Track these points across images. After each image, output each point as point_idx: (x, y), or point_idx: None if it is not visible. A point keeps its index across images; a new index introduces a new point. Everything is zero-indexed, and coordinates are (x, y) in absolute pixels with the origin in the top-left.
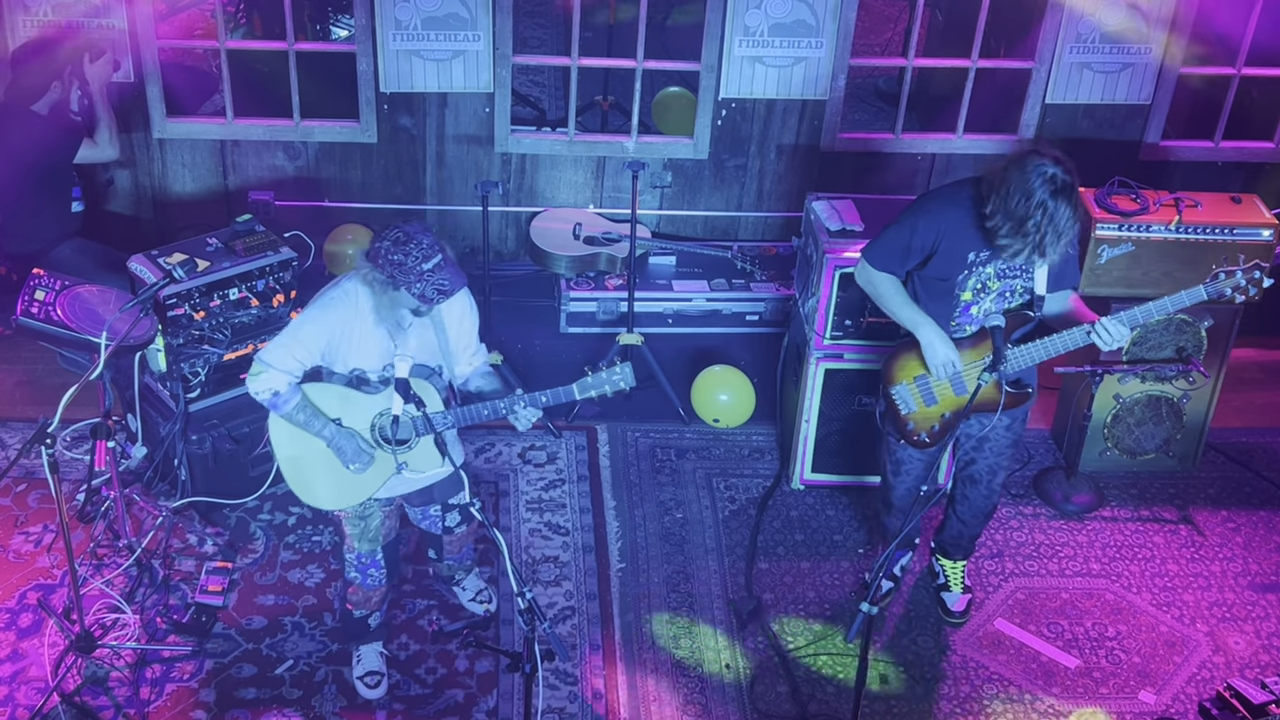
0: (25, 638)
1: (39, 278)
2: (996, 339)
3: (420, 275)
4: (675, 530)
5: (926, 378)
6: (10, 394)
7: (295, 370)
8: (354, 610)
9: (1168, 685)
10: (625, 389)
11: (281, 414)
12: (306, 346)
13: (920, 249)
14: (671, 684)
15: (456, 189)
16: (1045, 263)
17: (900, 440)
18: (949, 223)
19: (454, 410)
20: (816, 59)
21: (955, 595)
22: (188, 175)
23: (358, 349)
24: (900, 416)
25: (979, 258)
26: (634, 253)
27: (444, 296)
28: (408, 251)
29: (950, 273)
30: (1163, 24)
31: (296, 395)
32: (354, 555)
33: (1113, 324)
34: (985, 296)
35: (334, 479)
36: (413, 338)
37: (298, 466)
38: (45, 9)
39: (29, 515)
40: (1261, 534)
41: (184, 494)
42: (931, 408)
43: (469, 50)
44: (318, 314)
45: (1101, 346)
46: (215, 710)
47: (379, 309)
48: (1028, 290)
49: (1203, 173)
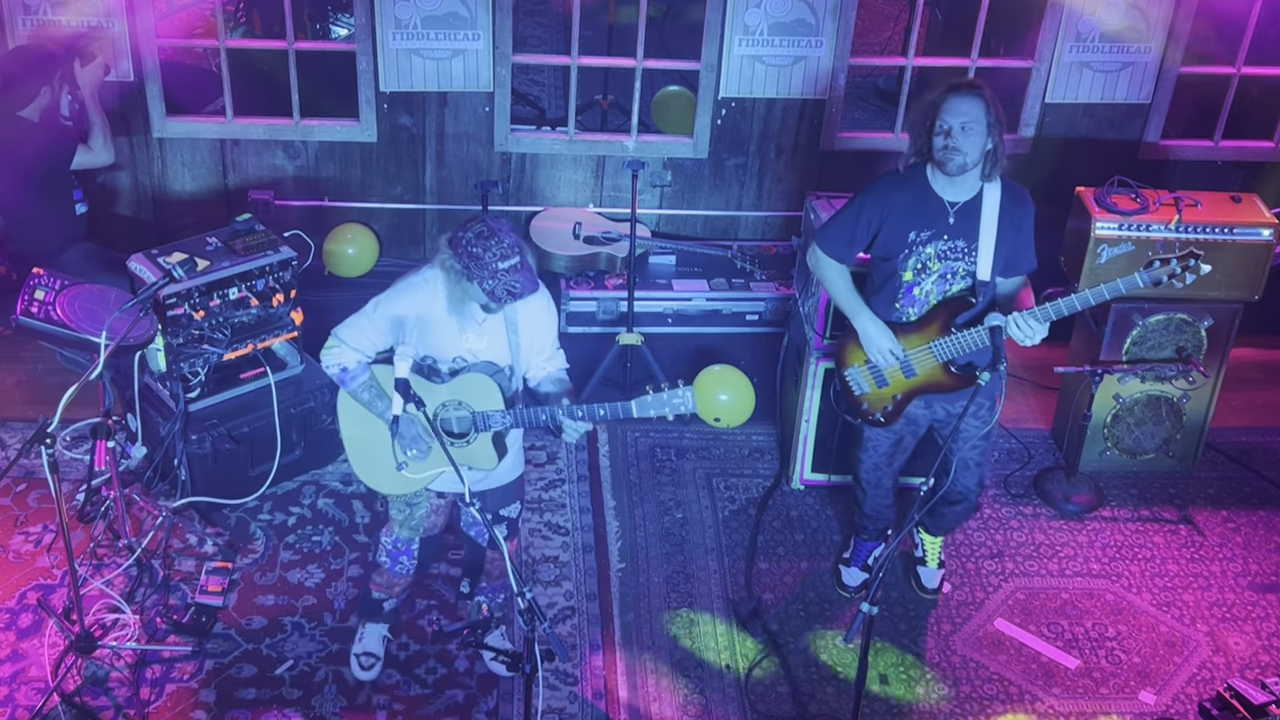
0: (25, 638)
1: (39, 277)
2: (996, 339)
3: (495, 272)
4: (675, 530)
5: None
6: (10, 394)
7: (366, 349)
8: (374, 591)
9: (1168, 685)
10: (686, 414)
11: (348, 390)
12: (378, 327)
13: (867, 229)
14: (671, 684)
15: (456, 188)
16: (956, 166)
17: (857, 420)
18: (893, 202)
19: (515, 411)
20: (816, 58)
21: (931, 571)
22: (187, 174)
23: (430, 336)
24: (854, 397)
25: (919, 237)
26: (634, 252)
27: (513, 298)
28: (487, 246)
29: (892, 251)
30: (1162, 23)
31: (365, 374)
32: (390, 539)
33: (1024, 319)
34: (926, 278)
35: (393, 462)
36: (485, 334)
37: (360, 446)
38: (45, 9)
39: (29, 515)
40: (1261, 534)
41: (184, 494)
42: (884, 389)
43: (469, 49)
44: (395, 296)
45: (1019, 340)
46: (215, 710)
47: (450, 298)
48: (969, 274)
49: (1202, 172)
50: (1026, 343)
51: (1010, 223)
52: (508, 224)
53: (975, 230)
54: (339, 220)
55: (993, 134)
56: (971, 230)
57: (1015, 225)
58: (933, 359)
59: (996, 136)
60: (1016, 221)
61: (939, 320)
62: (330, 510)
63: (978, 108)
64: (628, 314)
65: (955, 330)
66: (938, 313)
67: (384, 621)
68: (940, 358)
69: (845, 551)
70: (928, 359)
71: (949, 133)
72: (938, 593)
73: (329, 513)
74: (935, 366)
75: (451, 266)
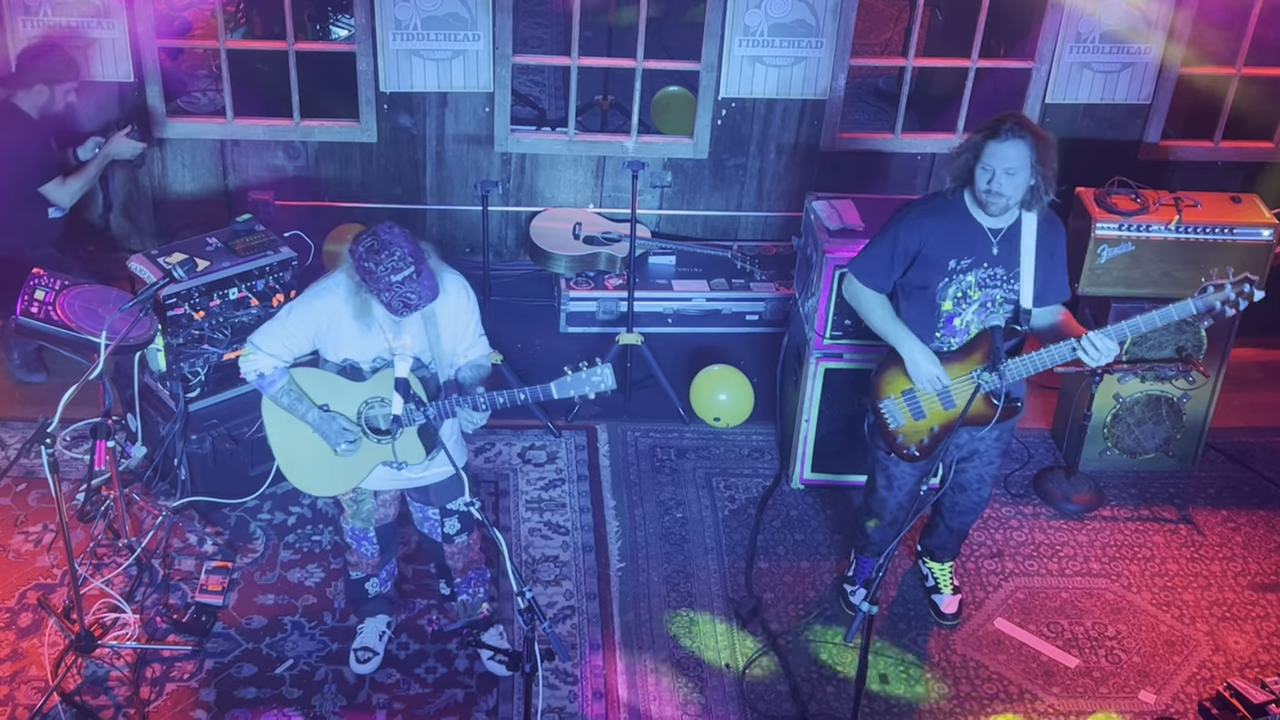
0: (25, 638)
1: (39, 278)
2: (996, 339)
3: (388, 286)
4: (675, 530)
5: (914, 392)
6: (10, 394)
7: (282, 355)
8: (351, 572)
9: (1168, 685)
10: (606, 391)
11: (268, 395)
12: (293, 333)
13: (904, 256)
14: (671, 683)
15: (456, 189)
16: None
17: (890, 454)
18: (930, 229)
19: (436, 404)
20: (816, 59)
21: (945, 597)
22: (188, 175)
23: (345, 340)
24: (889, 430)
25: (960, 265)
26: (634, 252)
27: (409, 309)
28: (379, 260)
29: (931, 280)
30: (1162, 23)
31: (283, 378)
32: (349, 527)
33: (1100, 338)
34: (967, 307)
35: (322, 464)
36: (404, 331)
37: (288, 451)
38: (46, 9)
39: (29, 515)
40: (1261, 534)
41: (184, 494)
42: (920, 421)
43: (469, 50)
44: (307, 302)
45: (1088, 362)
46: (215, 710)
47: (353, 306)
48: (1010, 302)
49: (1203, 173)
50: (1101, 362)
51: (1045, 249)
52: (403, 233)
53: (1016, 257)
54: (339, 220)
55: (1036, 173)
56: (1012, 258)
57: (1049, 251)
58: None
59: (1041, 173)
60: (1050, 246)
61: (980, 349)
62: (330, 510)
63: (1021, 154)
64: (628, 314)
65: (1003, 359)
66: (979, 342)
67: (378, 612)
68: (986, 388)
69: (849, 570)
70: (969, 390)
71: (992, 178)
72: (958, 618)
73: (329, 512)
74: (977, 398)
75: (352, 276)
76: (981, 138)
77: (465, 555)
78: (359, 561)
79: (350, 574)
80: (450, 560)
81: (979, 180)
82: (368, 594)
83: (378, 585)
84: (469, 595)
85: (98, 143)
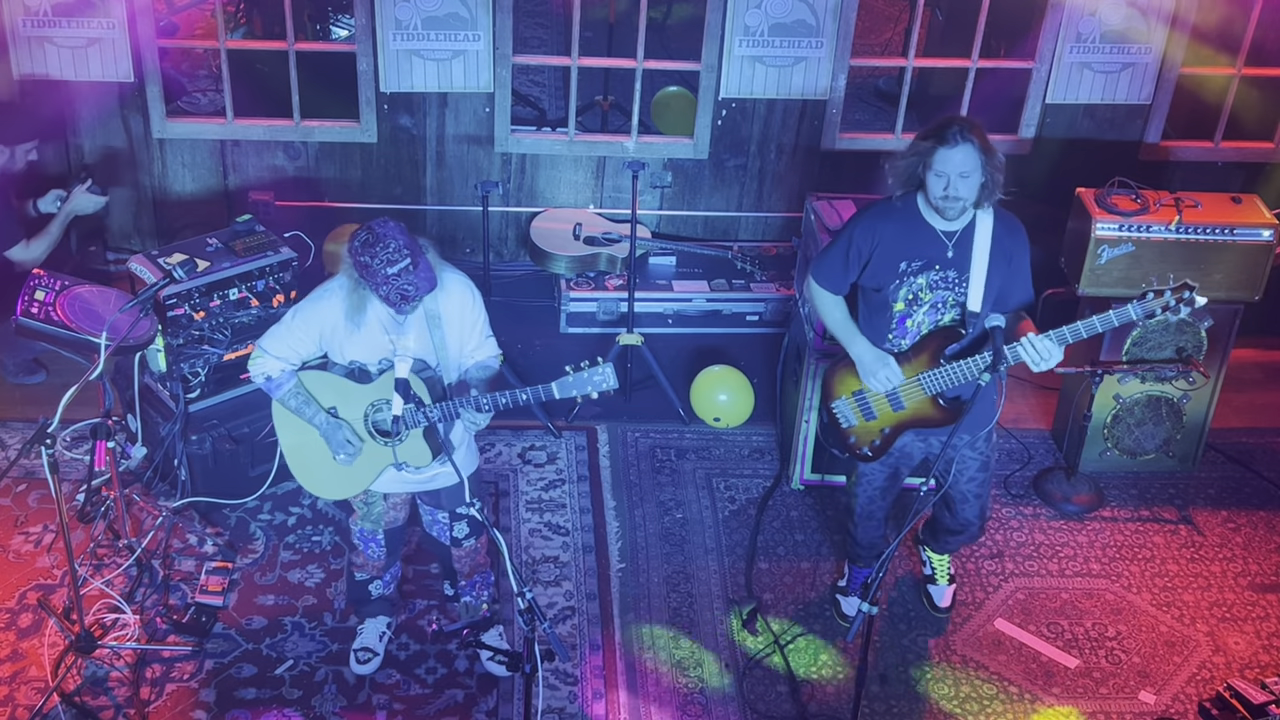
0: (25, 638)
1: (39, 278)
2: (996, 339)
3: (385, 278)
4: (675, 530)
5: (864, 393)
6: (10, 394)
7: (290, 358)
8: (356, 573)
9: (1168, 685)
10: (608, 390)
11: (277, 398)
12: (297, 336)
13: (858, 259)
14: (671, 684)
15: (456, 189)
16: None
17: (844, 454)
18: (883, 232)
19: (439, 405)
20: (816, 59)
21: (941, 589)
22: (188, 175)
23: (350, 342)
24: (841, 430)
25: (910, 267)
26: (634, 253)
27: (406, 302)
28: (374, 253)
29: (883, 282)
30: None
31: (290, 381)
32: (357, 529)
33: (1040, 341)
34: (918, 308)
35: (332, 467)
36: (409, 332)
37: (298, 454)
38: (46, 10)
39: (29, 515)
40: (1261, 534)
41: (184, 494)
42: (871, 422)
43: (469, 50)
44: (310, 304)
45: (1031, 365)
46: (215, 710)
47: (348, 305)
48: (959, 304)
49: (1203, 173)
50: (1041, 366)
51: (1002, 253)
52: (398, 226)
53: (968, 260)
54: (339, 221)
55: (986, 171)
56: (965, 260)
57: (1007, 256)
58: (921, 391)
59: (990, 171)
60: (1008, 252)
61: (928, 351)
62: (330, 510)
63: (972, 156)
64: (628, 315)
65: (945, 362)
66: (927, 344)
67: (379, 613)
68: (929, 390)
69: (841, 580)
70: (916, 391)
71: (948, 184)
72: (950, 610)
73: (329, 513)
74: (924, 399)
75: (350, 274)
76: (930, 144)
77: (472, 559)
78: (364, 563)
79: (354, 575)
80: (457, 564)
81: (933, 188)
82: (370, 595)
83: (381, 587)
84: (473, 598)
85: (59, 195)
